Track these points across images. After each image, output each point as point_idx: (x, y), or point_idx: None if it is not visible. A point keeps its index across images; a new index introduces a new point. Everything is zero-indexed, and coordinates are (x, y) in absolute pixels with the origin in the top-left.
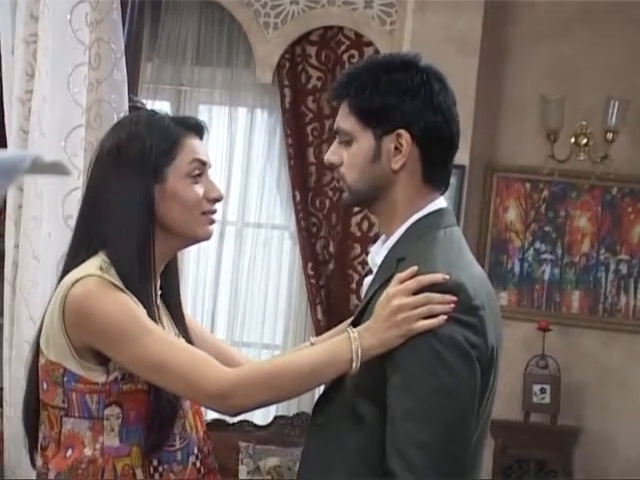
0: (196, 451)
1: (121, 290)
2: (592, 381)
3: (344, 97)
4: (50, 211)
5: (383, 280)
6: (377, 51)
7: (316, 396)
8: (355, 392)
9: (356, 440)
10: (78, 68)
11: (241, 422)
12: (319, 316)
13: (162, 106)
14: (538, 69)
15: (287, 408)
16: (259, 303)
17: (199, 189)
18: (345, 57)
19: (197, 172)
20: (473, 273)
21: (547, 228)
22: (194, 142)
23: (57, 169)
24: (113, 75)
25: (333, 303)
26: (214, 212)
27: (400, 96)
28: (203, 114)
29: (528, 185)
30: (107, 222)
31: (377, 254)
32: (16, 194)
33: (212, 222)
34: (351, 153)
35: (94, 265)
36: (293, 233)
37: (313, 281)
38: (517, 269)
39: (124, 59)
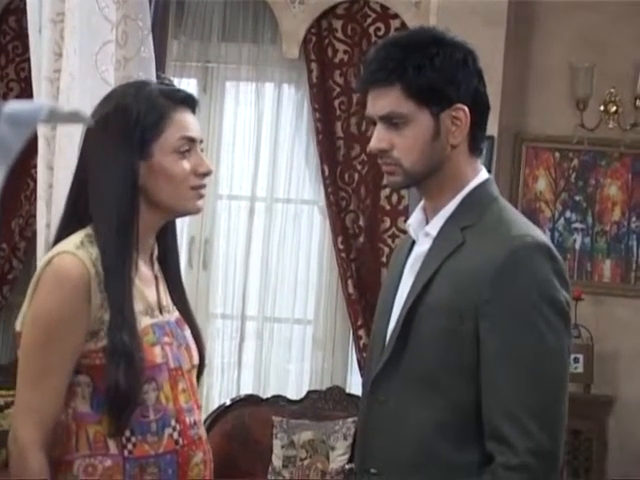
0: (173, 423)
1: (86, 281)
2: (625, 349)
3: (396, 81)
4: None
5: (450, 250)
6: (403, 24)
7: (348, 374)
8: (430, 361)
9: (429, 410)
10: (106, 46)
11: (275, 397)
12: (350, 290)
13: (189, 84)
14: (566, 37)
15: (320, 382)
16: (290, 278)
17: (186, 164)
18: (371, 30)
19: (185, 148)
20: (545, 237)
21: (577, 197)
22: (184, 117)
23: (75, 118)
24: (140, 53)
25: (364, 277)
26: (203, 187)
27: (454, 70)
28: (230, 91)
29: (557, 154)
30: (93, 196)
31: (430, 225)
32: (47, 174)
33: (201, 197)
34: (407, 135)
35: (74, 240)
36: (322, 207)
37: (343, 255)
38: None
39: (151, 36)
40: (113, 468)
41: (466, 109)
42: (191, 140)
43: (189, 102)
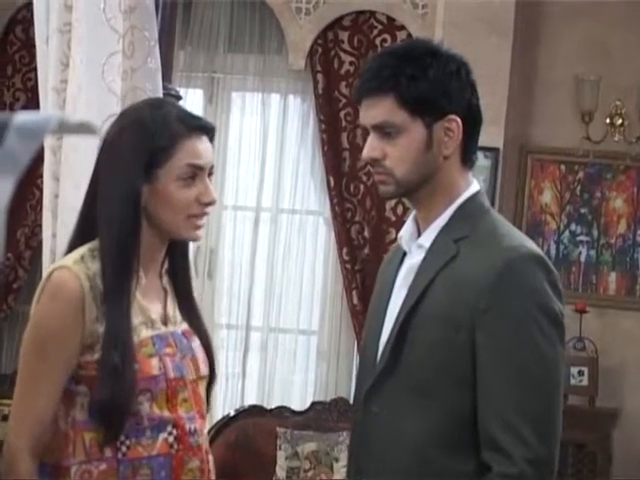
0: (170, 428)
1: (80, 295)
2: (630, 362)
3: (389, 91)
4: None
5: (444, 261)
6: (410, 35)
7: (352, 386)
8: (425, 371)
9: (424, 420)
10: (112, 57)
11: (279, 408)
12: (355, 301)
13: (195, 94)
14: (572, 48)
15: (324, 393)
16: (295, 289)
17: (189, 192)
18: (378, 41)
19: (189, 175)
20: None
21: (583, 210)
22: (196, 144)
23: (84, 129)
24: (147, 63)
25: (369, 288)
26: (203, 215)
27: (447, 82)
28: (236, 101)
29: (563, 167)
30: (99, 210)
31: (423, 237)
32: (52, 184)
33: (198, 227)
34: (400, 145)
35: (75, 255)
36: (328, 218)
37: (348, 266)
38: (553, 251)
39: (158, 47)
40: (108, 471)
41: (459, 120)
42: (199, 168)
43: (205, 130)
